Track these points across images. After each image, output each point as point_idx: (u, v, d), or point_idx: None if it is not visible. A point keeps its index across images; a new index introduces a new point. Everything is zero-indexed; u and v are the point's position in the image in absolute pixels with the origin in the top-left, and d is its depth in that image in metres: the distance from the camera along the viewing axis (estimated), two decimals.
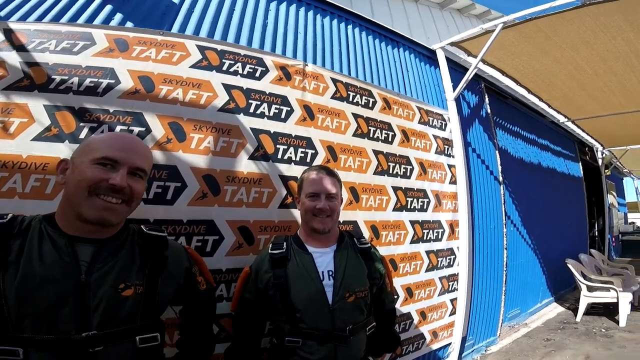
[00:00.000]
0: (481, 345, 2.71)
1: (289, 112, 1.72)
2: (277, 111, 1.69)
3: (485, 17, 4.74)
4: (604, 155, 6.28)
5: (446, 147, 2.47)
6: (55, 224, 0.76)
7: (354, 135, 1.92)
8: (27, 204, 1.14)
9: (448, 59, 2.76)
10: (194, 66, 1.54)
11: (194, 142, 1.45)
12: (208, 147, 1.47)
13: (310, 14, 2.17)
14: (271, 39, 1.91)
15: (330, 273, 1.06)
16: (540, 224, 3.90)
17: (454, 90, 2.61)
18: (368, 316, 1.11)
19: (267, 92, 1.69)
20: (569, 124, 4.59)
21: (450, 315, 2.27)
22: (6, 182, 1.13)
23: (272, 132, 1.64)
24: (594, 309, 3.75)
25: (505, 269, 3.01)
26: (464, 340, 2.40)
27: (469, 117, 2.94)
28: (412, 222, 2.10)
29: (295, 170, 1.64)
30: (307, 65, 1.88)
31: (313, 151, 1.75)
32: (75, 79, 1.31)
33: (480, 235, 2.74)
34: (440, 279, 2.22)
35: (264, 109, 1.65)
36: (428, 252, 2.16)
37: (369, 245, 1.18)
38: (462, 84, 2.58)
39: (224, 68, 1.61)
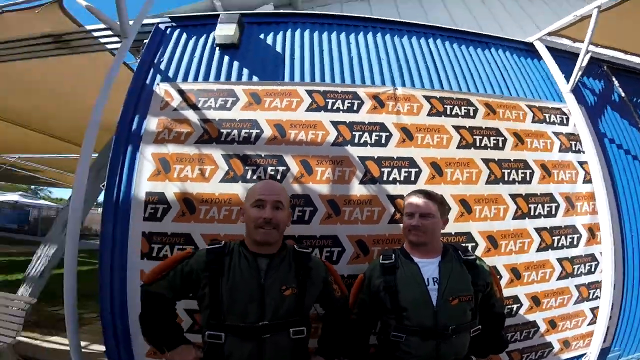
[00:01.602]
0: (632, 357, 1.94)
1: (388, 137, 1.70)
2: (377, 138, 1.69)
3: None
4: None
5: (573, 143, 1.91)
6: (245, 245, 1.02)
7: (459, 147, 1.72)
8: (220, 226, 1.48)
9: (552, 49, 2.18)
10: (307, 109, 1.70)
11: (318, 174, 1.59)
12: (328, 177, 1.59)
13: (388, 37, 2.07)
14: (359, 70, 1.90)
15: (435, 280, 1.09)
16: None
17: (568, 81, 2.02)
18: (473, 319, 1.10)
19: (366, 122, 1.71)
20: None
21: (589, 324, 1.75)
22: (209, 212, 1.49)
23: (375, 157, 1.65)
24: None
25: None
26: (605, 351, 1.81)
27: (597, 105, 2.20)
28: (538, 230, 1.70)
29: (400, 190, 1.60)
30: (396, 89, 1.82)
31: (417, 169, 1.66)
32: (235, 131, 1.60)
33: (635, 237, 1.96)
34: (577, 286, 1.74)
35: (365, 137, 1.68)
36: (560, 260, 1.72)
37: (475, 257, 1.18)
38: (576, 72, 1.98)
39: (329, 107, 1.72)
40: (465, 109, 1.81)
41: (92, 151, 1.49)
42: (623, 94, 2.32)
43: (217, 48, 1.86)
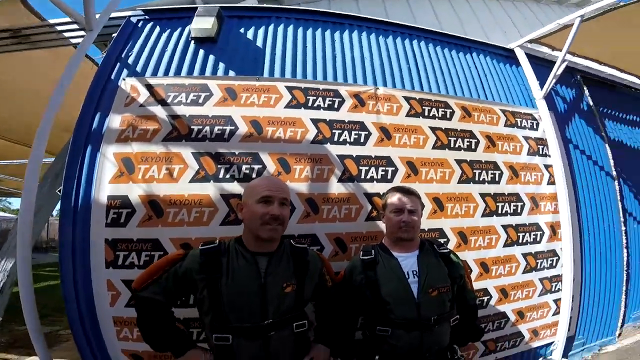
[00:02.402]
0: (594, 344, 2.11)
1: (367, 136, 1.64)
2: (356, 136, 1.63)
3: (587, 5, 3.48)
4: None
5: (540, 147, 1.96)
6: (243, 243, 0.96)
7: (434, 147, 1.71)
8: (191, 230, 1.36)
9: (531, 56, 2.19)
10: (287, 106, 1.59)
11: (296, 172, 1.51)
12: (307, 175, 1.52)
13: (373, 37, 1.98)
14: (341, 68, 1.81)
15: (415, 273, 1.08)
16: None
17: (542, 88, 2.05)
18: (451, 309, 1.11)
19: (347, 121, 1.65)
20: None
21: (554, 314, 1.86)
22: (178, 215, 1.37)
23: (354, 155, 1.60)
24: None
25: (626, 268, 2.23)
26: (570, 339, 1.95)
27: (567, 113, 2.27)
28: (505, 227, 1.75)
29: (378, 188, 1.57)
30: (378, 89, 1.75)
31: (393, 168, 1.62)
32: (207, 128, 1.47)
33: (591, 235, 2.09)
34: (541, 280, 1.82)
35: (345, 136, 1.62)
36: (525, 255, 1.79)
37: (449, 250, 1.19)
38: (550, 80, 2.01)
39: (309, 104, 1.63)
40: (442, 111, 1.79)
41: (43, 152, 1.28)
42: (592, 103, 2.40)
43: (192, 42, 1.68)
